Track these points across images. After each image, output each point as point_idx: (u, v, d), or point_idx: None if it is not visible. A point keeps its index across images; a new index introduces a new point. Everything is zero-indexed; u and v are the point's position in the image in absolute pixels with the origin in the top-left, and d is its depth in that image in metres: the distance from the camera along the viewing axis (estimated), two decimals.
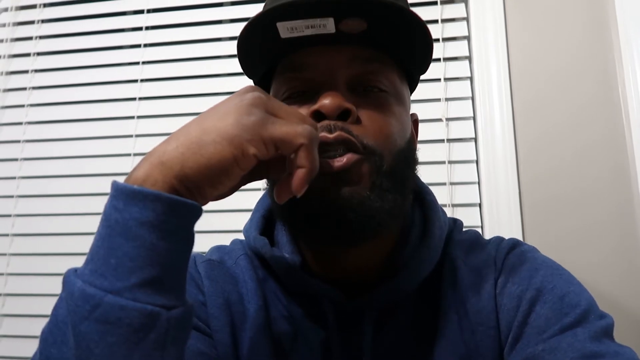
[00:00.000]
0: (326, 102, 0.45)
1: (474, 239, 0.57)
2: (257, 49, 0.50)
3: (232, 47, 0.44)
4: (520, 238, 1.02)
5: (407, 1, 0.55)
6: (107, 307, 0.33)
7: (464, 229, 0.60)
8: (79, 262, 0.36)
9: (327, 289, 0.50)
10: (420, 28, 0.48)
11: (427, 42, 0.50)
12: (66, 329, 0.35)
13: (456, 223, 0.59)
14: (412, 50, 0.51)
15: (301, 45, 0.48)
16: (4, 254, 1.26)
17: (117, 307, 0.33)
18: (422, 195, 0.58)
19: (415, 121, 0.59)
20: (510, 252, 0.54)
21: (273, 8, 0.44)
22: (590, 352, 0.42)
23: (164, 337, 0.34)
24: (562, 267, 0.52)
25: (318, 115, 0.46)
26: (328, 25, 0.45)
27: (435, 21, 1.17)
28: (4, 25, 1.39)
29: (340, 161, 0.44)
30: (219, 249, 0.60)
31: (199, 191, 0.37)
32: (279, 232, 0.56)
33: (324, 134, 0.45)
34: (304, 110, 0.47)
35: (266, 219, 0.58)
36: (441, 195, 1.08)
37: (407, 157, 0.51)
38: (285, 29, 0.46)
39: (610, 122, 1.05)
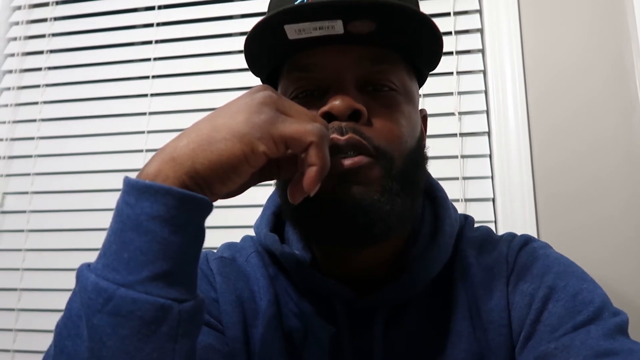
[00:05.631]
0: (336, 102, 0.45)
1: (486, 235, 0.56)
2: (265, 50, 0.50)
3: (242, 43, 0.44)
4: (534, 233, 1.01)
5: (417, 1, 0.55)
6: (119, 300, 0.33)
7: (475, 225, 0.59)
8: (92, 257, 0.36)
9: (337, 287, 0.50)
10: (429, 29, 0.47)
11: (437, 41, 0.49)
12: (80, 323, 0.35)
13: (467, 220, 0.59)
14: (421, 50, 0.51)
15: (308, 45, 0.48)
16: (20, 250, 1.28)
17: (129, 300, 0.33)
18: (433, 193, 0.57)
19: (424, 117, 0.58)
20: (522, 249, 0.54)
21: (282, 11, 0.44)
22: (604, 350, 0.41)
23: (175, 330, 0.34)
24: (575, 263, 0.52)
25: (328, 117, 0.46)
26: (336, 27, 0.45)
27: (448, 14, 1.16)
28: (16, 23, 1.41)
29: (351, 160, 0.44)
30: (229, 246, 0.61)
31: (209, 187, 0.37)
32: (289, 229, 0.56)
33: (335, 135, 0.44)
34: (313, 111, 0.47)
35: (276, 216, 0.59)
36: (454, 190, 1.07)
37: (417, 157, 0.51)
38: (293, 31, 0.45)
39: (626, 115, 1.04)
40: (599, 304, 0.45)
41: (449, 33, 1.15)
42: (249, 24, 1.24)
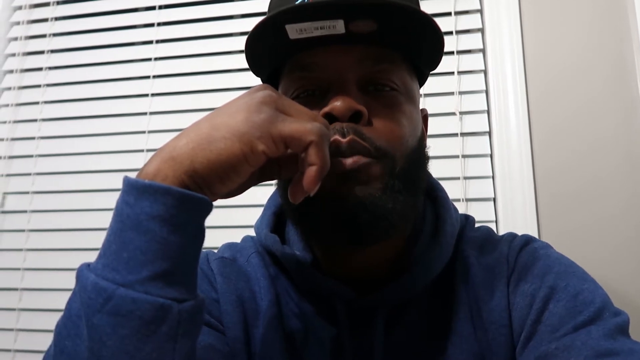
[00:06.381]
0: (337, 104, 0.45)
1: (486, 235, 0.56)
2: (266, 50, 0.50)
3: (243, 43, 0.44)
4: (535, 233, 1.01)
5: (418, 0, 0.55)
6: (119, 300, 0.33)
7: (476, 225, 0.59)
8: (92, 257, 0.36)
9: (337, 287, 0.50)
10: (431, 28, 0.47)
11: (438, 41, 0.49)
12: (80, 322, 0.35)
13: (468, 220, 0.59)
14: (422, 49, 0.51)
15: (309, 44, 0.48)
16: (20, 250, 1.28)
17: (129, 300, 0.33)
18: (433, 192, 0.57)
19: (425, 117, 0.58)
20: (523, 249, 0.53)
21: (283, 11, 0.44)
22: (604, 350, 0.41)
23: (175, 330, 0.34)
24: (575, 264, 0.51)
25: (329, 117, 0.46)
26: (338, 27, 0.45)
27: (449, 14, 1.16)
28: (17, 23, 1.41)
29: (352, 159, 0.44)
30: (230, 246, 0.61)
31: (208, 187, 0.37)
32: (290, 230, 0.56)
33: (336, 137, 0.44)
34: (314, 111, 0.47)
35: (277, 216, 0.58)
36: (455, 190, 1.07)
37: (419, 157, 0.51)
38: (294, 31, 0.45)
39: (627, 114, 1.03)
40: (599, 304, 0.45)
41: (450, 33, 1.14)
42: (250, 24, 1.24)
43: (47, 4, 1.41)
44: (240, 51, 1.25)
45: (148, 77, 1.30)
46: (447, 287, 0.52)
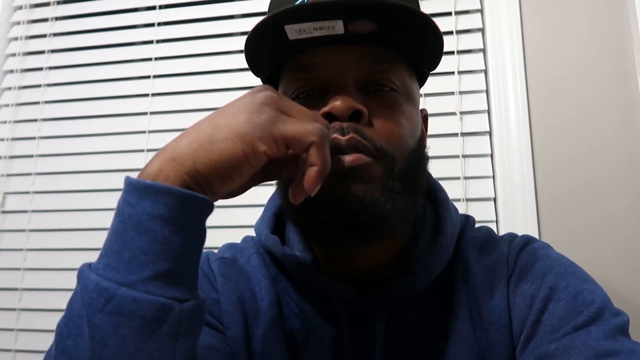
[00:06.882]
0: (337, 103, 0.45)
1: (487, 236, 0.56)
2: (266, 50, 0.50)
3: (243, 43, 0.45)
4: (536, 233, 1.01)
5: (417, 1, 0.55)
6: (120, 300, 0.33)
7: (476, 225, 0.59)
8: (93, 257, 0.37)
9: (337, 287, 0.50)
10: (430, 28, 0.47)
11: (438, 41, 0.49)
12: (81, 322, 0.35)
13: (468, 220, 0.59)
14: (422, 49, 0.51)
15: (309, 45, 0.48)
16: (21, 249, 1.28)
17: (130, 300, 0.33)
18: (434, 193, 0.57)
19: (424, 117, 0.58)
20: (523, 249, 0.53)
21: (282, 11, 0.44)
22: (604, 351, 0.41)
23: (176, 330, 0.34)
24: (575, 264, 0.52)
25: (329, 117, 0.46)
26: (337, 27, 0.45)
27: (449, 13, 1.16)
28: (17, 23, 1.41)
29: (352, 157, 0.44)
30: (230, 247, 0.61)
31: (210, 187, 0.37)
32: (290, 230, 0.56)
33: (336, 135, 0.45)
34: (314, 111, 0.47)
35: (277, 217, 0.59)
36: (455, 190, 1.07)
37: (418, 157, 0.51)
38: (294, 31, 0.45)
39: (628, 114, 1.03)
40: (599, 305, 0.45)
41: (450, 32, 1.14)
42: (250, 24, 1.24)
43: (47, 4, 1.41)
44: (240, 51, 1.25)
45: (148, 77, 1.30)
46: (447, 288, 0.52)
